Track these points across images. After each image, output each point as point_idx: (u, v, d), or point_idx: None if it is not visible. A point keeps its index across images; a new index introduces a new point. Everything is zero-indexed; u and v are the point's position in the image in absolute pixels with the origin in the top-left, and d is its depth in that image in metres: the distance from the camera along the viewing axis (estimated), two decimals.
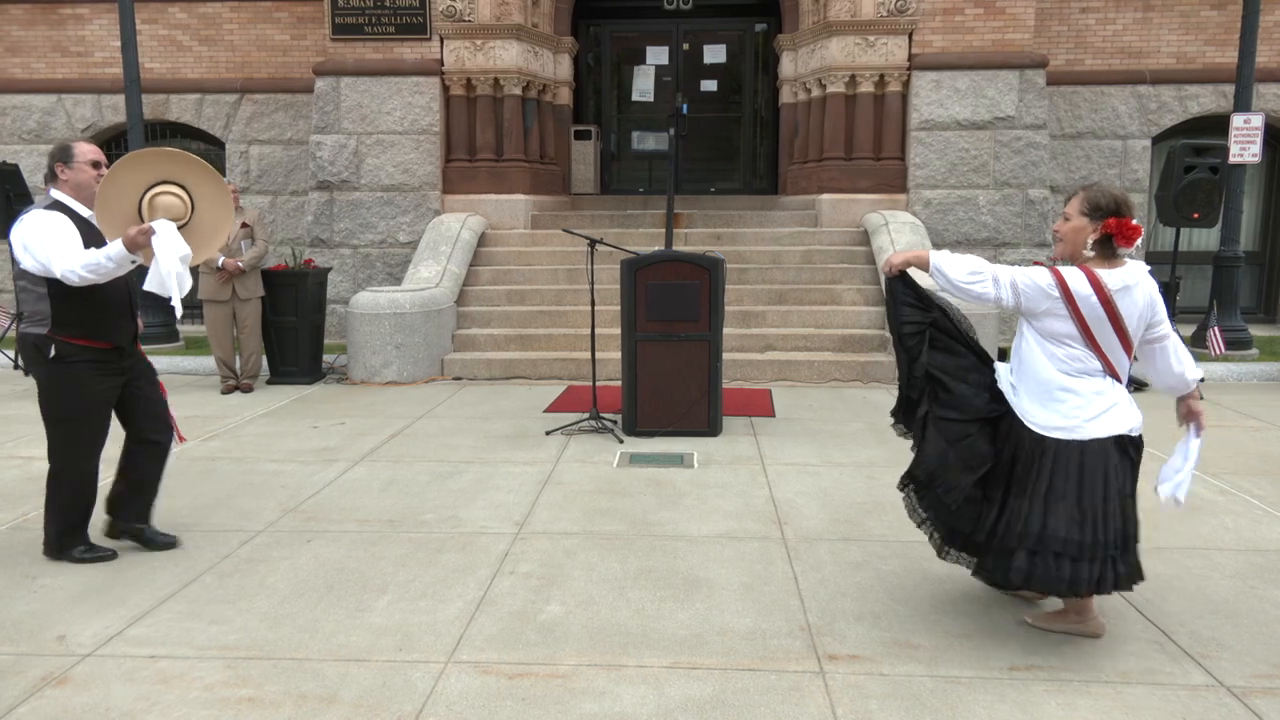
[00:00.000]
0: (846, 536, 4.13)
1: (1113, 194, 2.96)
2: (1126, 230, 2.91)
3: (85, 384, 3.65)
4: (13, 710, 2.68)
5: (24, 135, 11.25)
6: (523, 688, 2.81)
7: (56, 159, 3.66)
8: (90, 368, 3.65)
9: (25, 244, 3.52)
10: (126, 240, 3.44)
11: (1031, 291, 2.95)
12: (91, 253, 3.48)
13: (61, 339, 3.60)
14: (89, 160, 3.67)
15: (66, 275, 3.45)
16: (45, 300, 3.58)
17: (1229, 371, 8.02)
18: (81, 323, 3.61)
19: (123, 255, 3.46)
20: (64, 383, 3.64)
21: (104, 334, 3.68)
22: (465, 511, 4.47)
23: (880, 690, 2.79)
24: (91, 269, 3.45)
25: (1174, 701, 2.73)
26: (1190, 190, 7.74)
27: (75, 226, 3.57)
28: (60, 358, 3.60)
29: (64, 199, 3.66)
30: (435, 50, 10.07)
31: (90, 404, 3.69)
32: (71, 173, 3.65)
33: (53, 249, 3.47)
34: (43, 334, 3.61)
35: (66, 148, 3.69)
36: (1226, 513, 4.45)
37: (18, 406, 6.94)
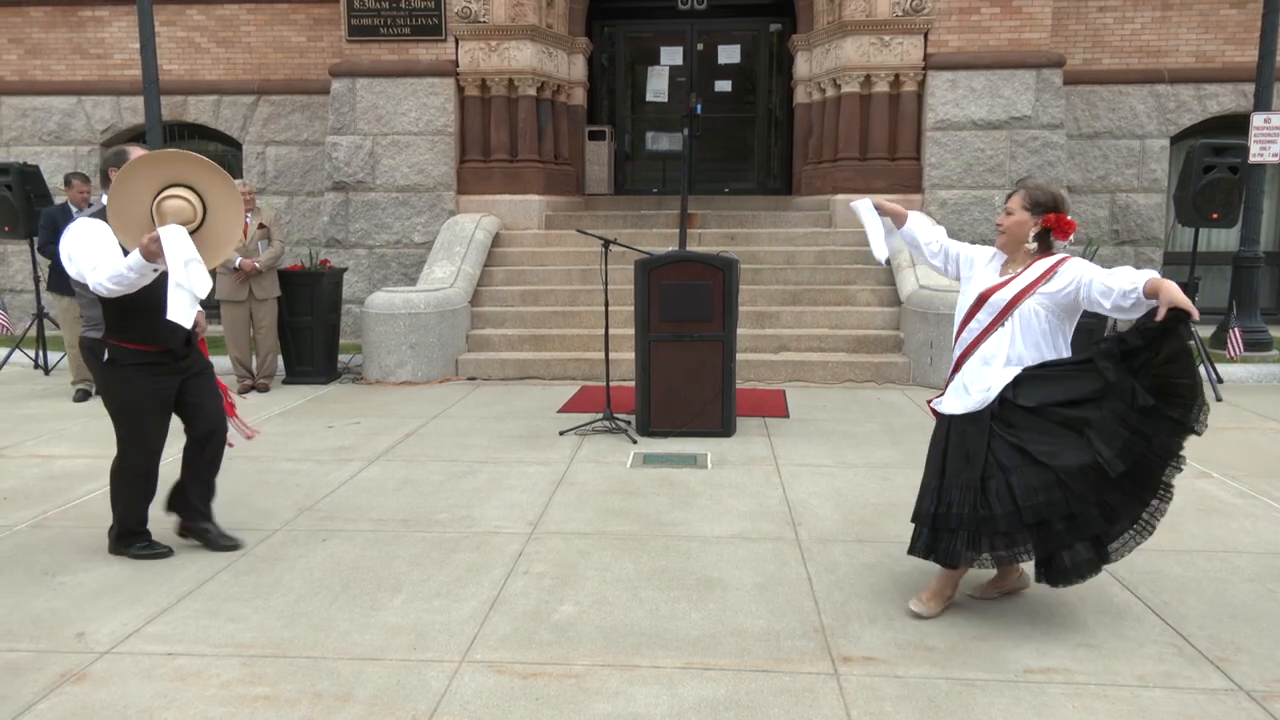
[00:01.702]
0: (860, 537, 4.11)
1: (1052, 191, 3.26)
2: (1064, 225, 3.22)
3: (137, 385, 3.69)
4: (32, 706, 2.71)
5: (44, 137, 11.37)
6: (536, 687, 2.82)
7: (111, 163, 3.66)
8: (142, 370, 3.68)
9: (69, 253, 3.54)
10: (142, 249, 3.42)
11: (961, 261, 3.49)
12: (116, 264, 3.47)
13: (114, 343, 3.63)
14: None
15: (96, 288, 3.47)
16: (97, 306, 3.60)
17: (1248, 373, 7.94)
18: (133, 328, 3.64)
19: (142, 265, 3.43)
20: (118, 384, 3.69)
21: (154, 338, 3.70)
22: (479, 511, 4.48)
23: (894, 692, 2.78)
24: (115, 281, 3.44)
25: (1192, 706, 2.71)
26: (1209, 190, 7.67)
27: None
28: (113, 361, 3.64)
29: None
30: (450, 51, 10.11)
31: (144, 404, 3.73)
32: None
33: (87, 261, 3.48)
34: (97, 338, 3.65)
35: (121, 152, 3.69)
36: (1246, 515, 4.41)
37: (38, 405, 7.02)
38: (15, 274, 11.49)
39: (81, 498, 4.70)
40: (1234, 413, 6.73)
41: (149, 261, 3.41)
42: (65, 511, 4.49)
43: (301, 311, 7.79)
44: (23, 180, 8.11)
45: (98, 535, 4.13)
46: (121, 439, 3.78)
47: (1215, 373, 7.43)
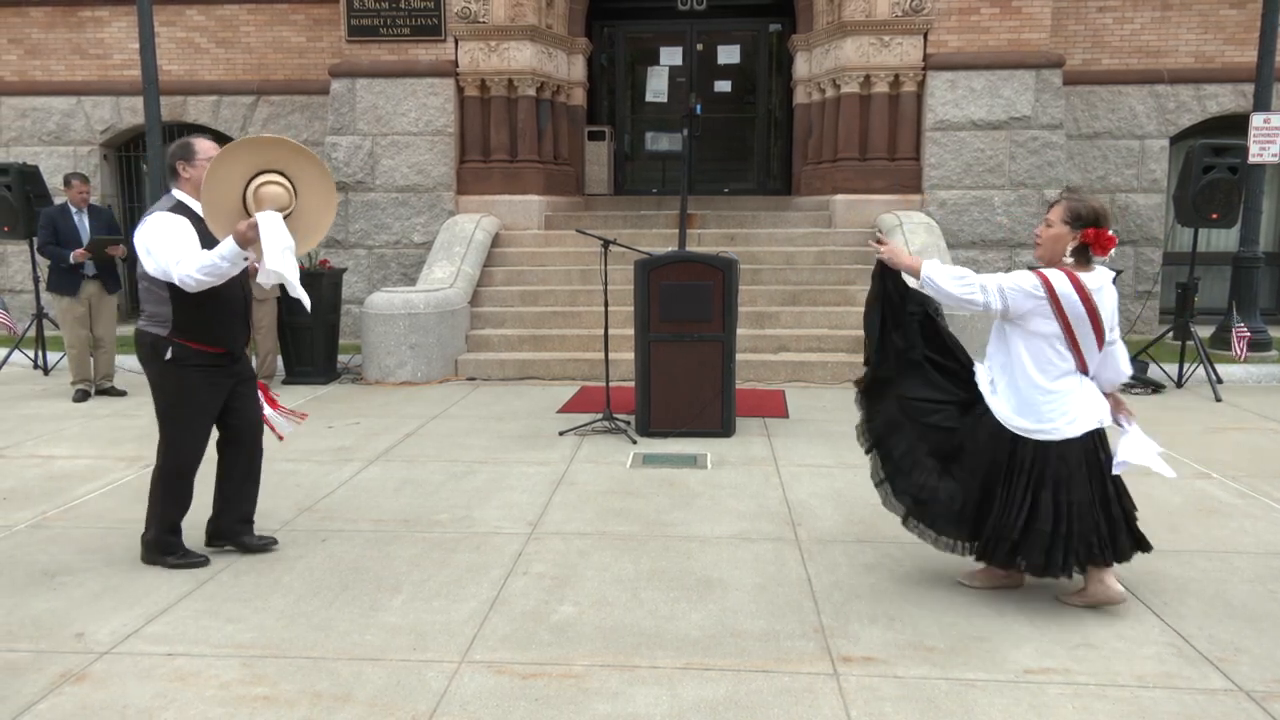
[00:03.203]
0: (860, 538, 4.11)
1: (1093, 205, 3.18)
2: (1103, 240, 3.14)
3: (195, 387, 3.65)
4: (32, 707, 2.71)
5: (43, 137, 11.37)
6: (536, 688, 2.81)
7: (178, 157, 3.61)
8: (201, 372, 3.65)
9: (147, 248, 3.49)
10: (237, 236, 3.38)
11: (1017, 295, 3.16)
12: (205, 255, 3.42)
13: (179, 342, 3.58)
14: (209, 158, 3.56)
15: (184, 281, 3.42)
16: (167, 303, 3.55)
17: (1248, 373, 7.94)
18: (201, 327, 3.59)
19: (235, 253, 3.39)
20: (174, 384, 3.64)
21: (220, 339, 3.67)
22: (479, 511, 4.48)
23: (894, 693, 2.78)
24: (207, 271, 3.40)
25: (1192, 706, 2.71)
26: (1209, 190, 7.66)
27: (194, 227, 3.53)
28: (176, 360, 3.60)
29: (185, 198, 3.61)
30: (450, 51, 10.11)
31: (197, 405, 3.69)
32: (194, 170, 3.59)
33: (170, 254, 3.43)
34: (161, 335, 3.59)
35: (188, 144, 3.64)
36: (1246, 516, 4.41)
37: (37, 406, 7.02)
38: (15, 274, 11.48)
39: (81, 498, 4.70)
40: (1234, 413, 6.73)
41: (242, 248, 3.38)
42: (65, 512, 4.49)
43: (301, 312, 7.76)
44: (22, 180, 8.11)
45: (97, 535, 4.14)
46: (168, 439, 3.73)
47: (1215, 373, 7.43)
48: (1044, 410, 3.21)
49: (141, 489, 4.82)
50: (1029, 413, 3.23)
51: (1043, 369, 3.20)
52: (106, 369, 7.40)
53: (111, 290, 7.38)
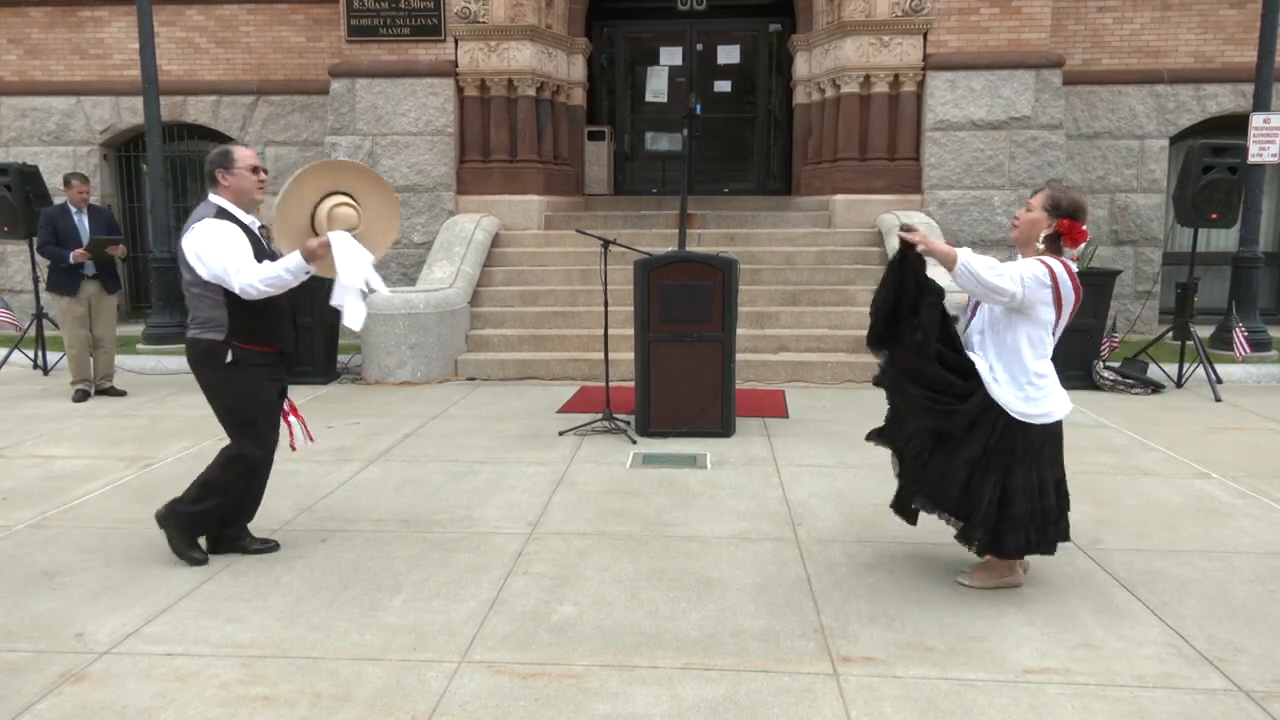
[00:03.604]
0: (860, 538, 4.11)
1: (1073, 198, 3.31)
2: (1075, 232, 3.26)
3: (260, 385, 3.69)
4: (31, 707, 2.71)
5: (43, 137, 11.37)
6: (536, 688, 2.81)
7: (217, 164, 3.64)
8: (260, 370, 3.69)
9: (198, 254, 3.51)
10: (305, 252, 3.45)
11: (1033, 284, 3.23)
12: (269, 266, 3.49)
13: (238, 344, 3.61)
14: (249, 165, 3.65)
15: (245, 289, 3.45)
16: (221, 308, 3.57)
17: (1248, 373, 7.94)
18: (256, 329, 3.63)
19: (301, 267, 3.48)
20: (237, 384, 3.66)
21: (274, 340, 3.71)
22: (479, 511, 4.48)
23: (894, 693, 2.78)
24: (270, 283, 3.46)
25: (1192, 706, 2.71)
26: (1209, 190, 7.66)
27: (244, 234, 3.56)
28: (237, 362, 3.62)
29: (226, 205, 3.64)
30: (450, 51, 10.11)
31: (261, 403, 3.72)
32: (233, 178, 3.63)
33: (228, 262, 3.46)
34: (218, 340, 3.60)
35: (227, 153, 3.66)
36: (1245, 516, 4.41)
37: (37, 405, 7.02)
38: (14, 274, 11.49)
39: (80, 498, 4.70)
40: (1233, 413, 6.73)
41: (308, 263, 3.46)
42: (64, 512, 4.48)
43: (301, 311, 7.76)
44: (22, 180, 8.10)
45: (97, 535, 4.14)
46: (242, 440, 3.72)
47: (1214, 373, 7.44)
48: (1039, 394, 3.33)
49: (141, 489, 4.83)
50: (1026, 398, 3.33)
51: (1038, 355, 3.34)
52: (106, 369, 7.40)
53: (111, 290, 7.38)
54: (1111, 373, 7.56)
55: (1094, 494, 4.71)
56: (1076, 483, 4.82)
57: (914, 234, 3.36)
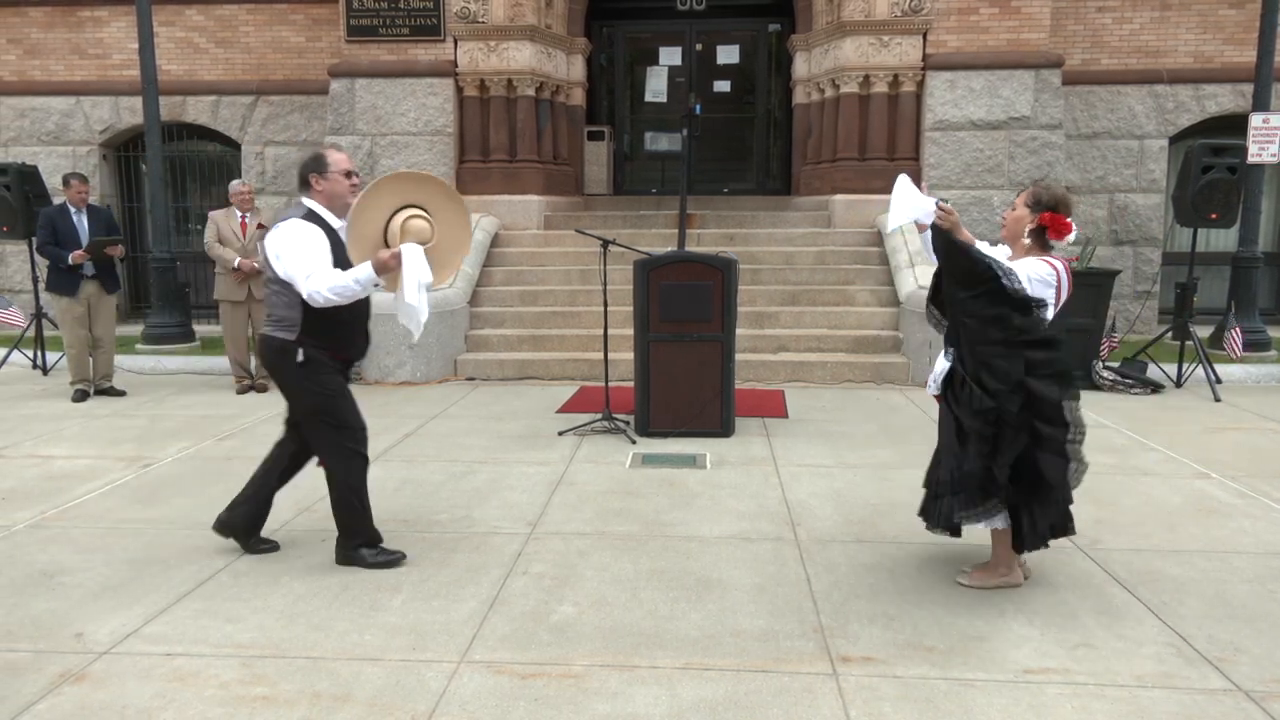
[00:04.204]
0: (860, 538, 4.11)
1: (1055, 193, 3.38)
2: (1058, 225, 3.32)
3: (328, 379, 3.65)
4: (31, 707, 2.71)
5: (42, 137, 11.36)
6: (535, 688, 2.81)
7: (310, 169, 3.61)
8: (330, 371, 3.66)
9: (277, 253, 3.49)
10: (376, 263, 3.42)
11: (1039, 284, 3.26)
12: (339, 275, 3.45)
13: (308, 346, 3.58)
14: (343, 170, 3.61)
15: (313, 296, 3.42)
16: (297, 308, 3.53)
17: (1247, 373, 7.94)
18: (327, 334, 3.59)
19: (370, 279, 3.44)
20: (311, 383, 3.62)
21: (345, 348, 3.69)
22: (478, 511, 4.48)
23: (893, 692, 2.78)
24: (338, 292, 3.43)
25: (1191, 706, 2.71)
26: (1208, 190, 7.66)
27: (327, 239, 3.54)
28: (309, 361, 3.59)
29: (317, 208, 3.60)
30: (449, 51, 10.11)
31: (339, 395, 3.67)
32: (326, 183, 3.59)
33: (302, 266, 3.43)
34: (289, 340, 3.57)
35: (320, 157, 3.64)
36: (1245, 516, 4.41)
37: (37, 406, 7.01)
38: (14, 274, 11.48)
39: (80, 498, 4.69)
40: (1233, 413, 6.74)
41: (378, 275, 3.44)
42: (64, 512, 4.48)
43: None
44: (21, 180, 8.10)
45: (97, 535, 4.13)
46: (334, 443, 3.69)
47: (1214, 373, 7.44)
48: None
49: (141, 489, 4.83)
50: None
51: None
52: (105, 369, 7.40)
53: (110, 290, 7.37)
54: (1111, 373, 7.56)
55: (1094, 494, 4.70)
56: None
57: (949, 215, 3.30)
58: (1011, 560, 3.51)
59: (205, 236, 7.43)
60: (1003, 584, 3.51)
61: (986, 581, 3.52)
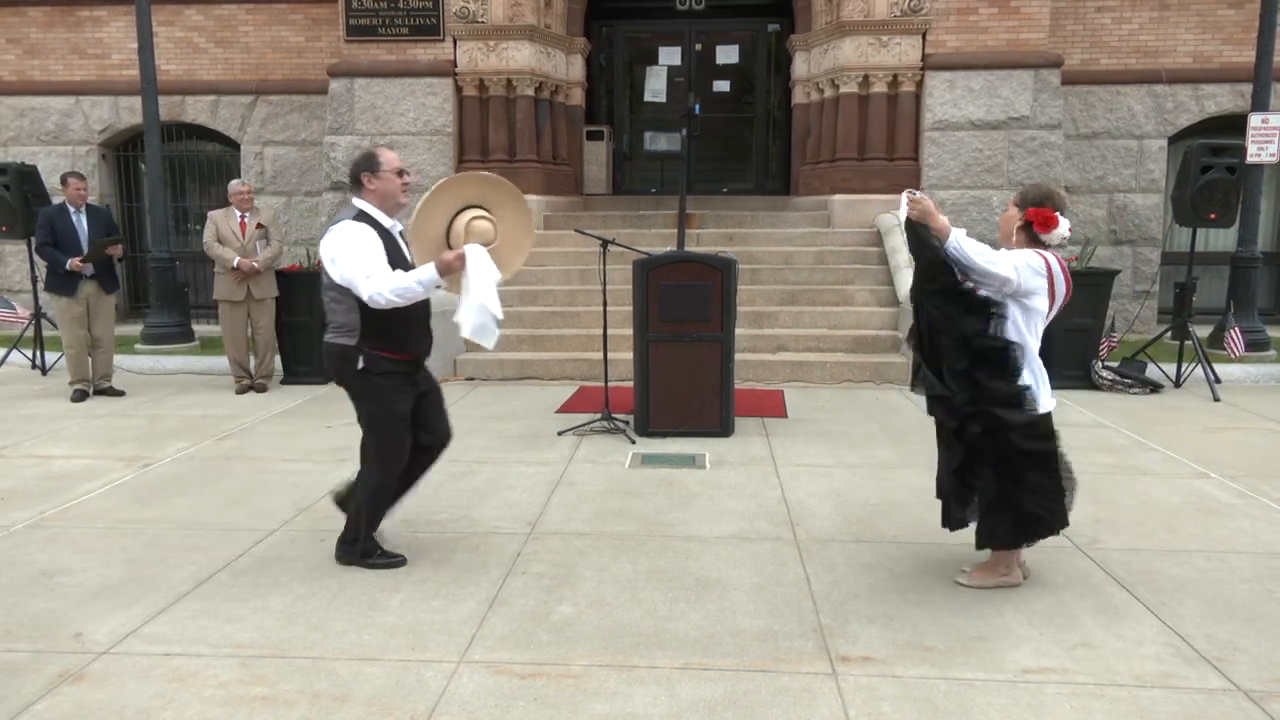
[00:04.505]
0: (859, 537, 4.11)
1: (1042, 190, 3.44)
2: (1043, 218, 3.36)
3: (391, 395, 3.61)
4: (30, 707, 2.70)
5: (42, 137, 11.36)
6: (535, 688, 2.81)
7: (363, 168, 3.58)
8: (394, 379, 3.61)
9: (333, 257, 3.45)
10: (440, 265, 3.40)
11: (1028, 272, 3.27)
12: (400, 276, 3.41)
13: (369, 350, 3.54)
14: (395, 169, 3.58)
15: (374, 298, 3.38)
16: (355, 312, 3.50)
17: (1246, 373, 7.94)
18: (389, 335, 3.55)
19: (433, 280, 3.42)
20: (371, 392, 3.59)
21: (407, 346, 3.64)
22: (478, 511, 4.48)
23: (893, 692, 2.78)
24: (400, 293, 3.39)
25: (1190, 705, 2.71)
26: (1207, 190, 7.65)
27: (381, 240, 3.51)
28: (367, 369, 3.55)
29: (369, 209, 3.57)
30: (448, 51, 10.10)
31: (398, 414, 3.64)
32: (379, 182, 3.56)
33: (360, 269, 3.39)
34: (350, 345, 3.53)
35: (372, 156, 3.60)
36: (1244, 516, 4.41)
37: (36, 405, 7.01)
38: (13, 274, 11.48)
39: (79, 498, 4.69)
40: (1232, 413, 6.74)
41: (441, 277, 3.42)
42: (63, 512, 4.48)
43: (299, 311, 7.78)
44: (20, 180, 8.10)
45: (96, 535, 4.13)
46: (376, 451, 3.66)
47: (1213, 373, 7.44)
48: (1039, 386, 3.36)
49: (140, 489, 4.83)
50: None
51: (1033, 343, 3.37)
52: (105, 369, 7.39)
53: (109, 290, 7.36)
54: (1110, 372, 7.56)
55: (1093, 494, 4.71)
56: None
57: (918, 203, 3.43)
58: (1011, 560, 3.51)
59: (204, 236, 7.42)
60: (1002, 584, 3.52)
61: (985, 581, 3.52)
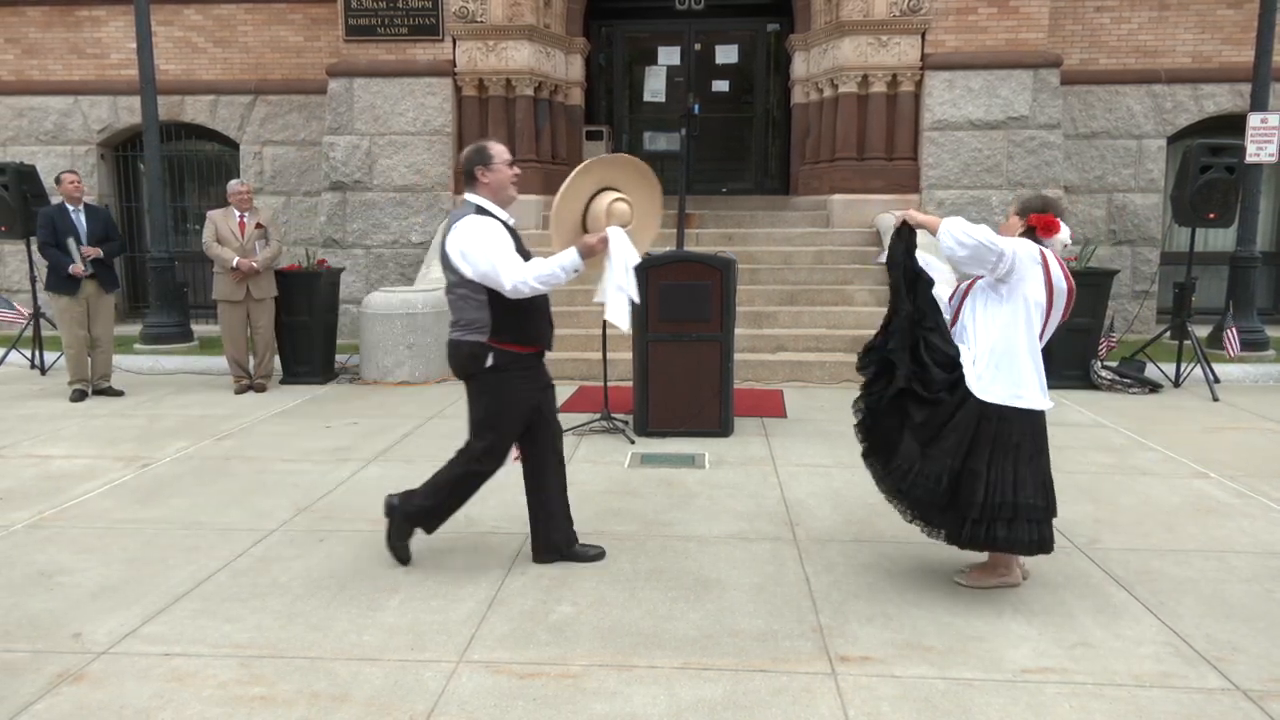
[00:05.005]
0: (858, 537, 4.11)
1: (1043, 197, 3.51)
2: (1046, 223, 3.38)
3: (516, 393, 3.58)
4: (29, 707, 2.70)
5: (40, 137, 11.34)
6: (534, 688, 2.81)
7: (475, 162, 3.53)
8: (521, 376, 3.58)
9: (464, 252, 3.40)
10: (583, 248, 3.37)
11: (1023, 257, 3.29)
12: (543, 263, 3.38)
13: (499, 346, 3.51)
14: (505, 160, 3.56)
15: (518, 288, 3.35)
16: (485, 309, 3.46)
17: (1245, 373, 7.94)
18: (518, 329, 3.52)
19: (576, 264, 3.39)
20: (498, 389, 3.55)
21: (535, 339, 3.60)
22: (476, 511, 4.47)
23: (892, 692, 2.78)
24: (544, 280, 3.36)
25: (1189, 705, 2.71)
26: (1206, 190, 7.65)
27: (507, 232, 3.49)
28: (497, 367, 3.52)
29: (485, 203, 3.55)
30: (448, 51, 10.10)
31: (517, 414, 3.61)
32: (492, 174, 3.53)
33: (497, 259, 3.35)
34: (481, 342, 3.49)
35: (483, 149, 3.56)
36: (1243, 515, 4.41)
37: (35, 405, 7.00)
38: (12, 274, 11.47)
39: (78, 498, 4.69)
40: (1231, 412, 6.74)
41: (583, 260, 3.41)
42: (62, 512, 4.47)
43: (299, 311, 7.78)
44: (19, 180, 8.09)
45: (95, 535, 4.13)
46: (482, 446, 3.63)
47: (1212, 373, 7.44)
48: (1021, 378, 3.31)
49: (139, 489, 4.83)
50: (1007, 382, 3.30)
51: (1029, 334, 3.34)
52: (104, 369, 7.39)
53: (109, 289, 7.36)
54: (1109, 372, 7.56)
55: (1092, 494, 4.71)
56: (1074, 482, 4.85)
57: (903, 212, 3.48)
58: (1010, 560, 3.51)
59: (204, 236, 7.42)
60: (1001, 584, 3.52)
61: (985, 581, 3.52)
